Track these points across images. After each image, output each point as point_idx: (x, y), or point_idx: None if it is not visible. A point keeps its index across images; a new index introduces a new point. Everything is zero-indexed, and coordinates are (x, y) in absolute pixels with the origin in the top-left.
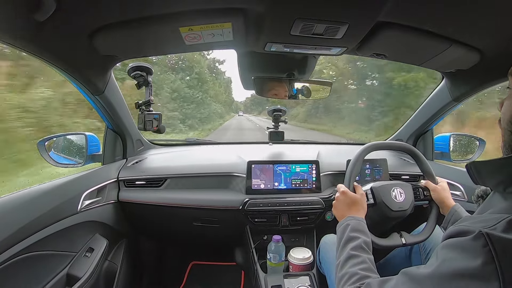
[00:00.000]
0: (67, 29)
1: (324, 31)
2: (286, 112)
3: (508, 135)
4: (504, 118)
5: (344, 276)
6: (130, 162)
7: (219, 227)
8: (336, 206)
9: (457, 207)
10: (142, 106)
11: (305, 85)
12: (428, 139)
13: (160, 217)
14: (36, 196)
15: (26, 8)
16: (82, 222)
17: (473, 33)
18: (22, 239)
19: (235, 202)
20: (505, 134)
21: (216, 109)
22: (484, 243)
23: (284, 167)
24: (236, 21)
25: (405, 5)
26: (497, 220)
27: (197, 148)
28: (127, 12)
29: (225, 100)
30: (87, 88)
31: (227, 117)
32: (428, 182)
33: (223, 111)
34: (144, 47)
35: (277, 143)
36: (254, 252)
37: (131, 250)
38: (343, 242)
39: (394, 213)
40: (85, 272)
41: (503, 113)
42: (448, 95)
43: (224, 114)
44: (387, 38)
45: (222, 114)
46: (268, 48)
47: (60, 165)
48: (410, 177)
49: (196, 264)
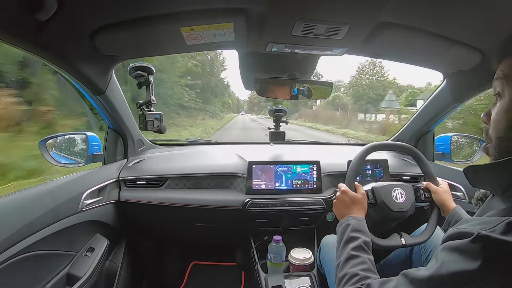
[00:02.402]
0: (69, 29)
1: (325, 32)
2: (287, 113)
3: (504, 143)
4: (498, 126)
5: (344, 277)
6: (131, 162)
7: (219, 227)
8: (337, 205)
9: (458, 209)
10: (143, 106)
11: (306, 86)
12: (429, 140)
13: (161, 217)
14: (37, 195)
15: (27, 8)
16: (83, 221)
17: (474, 34)
18: (23, 238)
19: (235, 202)
20: (499, 144)
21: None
22: (483, 245)
23: (285, 168)
24: (238, 21)
25: (406, 6)
26: (496, 222)
27: (198, 148)
28: (128, 12)
29: (225, 101)
30: (88, 88)
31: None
32: (429, 184)
33: (221, 109)
34: (145, 47)
35: (278, 144)
36: (255, 252)
37: (132, 250)
38: (344, 242)
39: (395, 213)
40: (86, 272)
41: (495, 122)
42: (449, 95)
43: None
44: (388, 38)
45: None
46: (269, 49)
47: (61, 164)
48: (411, 178)
49: (196, 264)
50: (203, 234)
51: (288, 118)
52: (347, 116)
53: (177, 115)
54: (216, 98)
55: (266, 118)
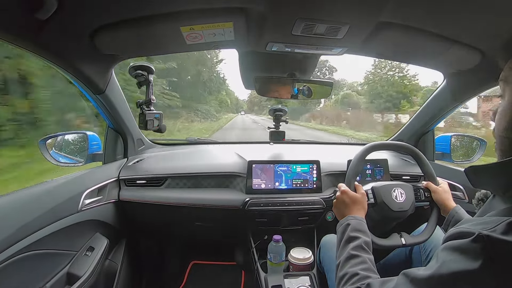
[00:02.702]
0: (69, 28)
1: (326, 31)
2: (287, 112)
3: (505, 142)
4: (499, 126)
5: (344, 276)
6: (131, 161)
7: (219, 227)
8: (337, 205)
9: (458, 208)
10: (143, 105)
11: (306, 85)
12: (429, 140)
13: (161, 216)
14: (37, 195)
15: (27, 7)
16: (83, 221)
17: (474, 34)
18: (23, 237)
19: (235, 201)
20: (501, 142)
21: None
22: (484, 245)
23: (285, 167)
24: (238, 20)
25: (406, 6)
26: (496, 222)
27: (198, 147)
28: (128, 11)
29: (222, 99)
30: (88, 87)
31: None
32: (429, 183)
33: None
34: (145, 46)
35: (278, 143)
36: (255, 251)
37: (132, 249)
38: (344, 242)
39: (395, 213)
40: (86, 271)
41: (497, 122)
42: (449, 95)
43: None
44: (388, 38)
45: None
46: (269, 48)
47: (61, 164)
48: (411, 177)
49: (196, 263)
50: (203, 234)
51: (298, 120)
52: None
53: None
54: (211, 95)
55: (267, 118)
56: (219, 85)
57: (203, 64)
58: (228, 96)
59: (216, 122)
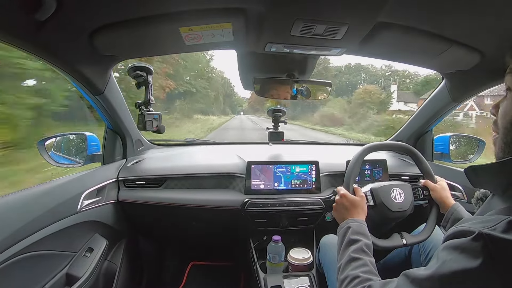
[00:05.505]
0: (68, 29)
1: (324, 32)
2: (286, 113)
3: (510, 134)
4: (505, 119)
5: (345, 279)
6: (130, 162)
7: (218, 227)
8: (336, 209)
9: (457, 205)
10: (142, 106)
11: (305, 86)
12: (428, 140)
13: (160, 217)
14: (36, 196)
15: (26, 8)
16: (82, 222)
17: (473, 34)
18: (22, 238)
19: (234, 202)
20: (505, 134)
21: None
22: (484, 243)
23: (283, 168)
24: (236, 21)
25: (405, 6)
26: (497, 221)
27: (196, 148)
28: (127, 12)
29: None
30: (87, 88)
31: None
32: (427, 182)
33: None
34: (144, 47)
35: (277, 144)
36: (254, 252)
37: (131, 250)
38: (344, 245)
39: (394, 213)
40: (85, 272)
41: (502, 114)
42: (448, 95)
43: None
44: (387, 39)
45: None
46: (268, 49)
47: (60, 165)
48: (410, 177)
49: (195, 264)
50: (202, 234)
51: (287, 118)
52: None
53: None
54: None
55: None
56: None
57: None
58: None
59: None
